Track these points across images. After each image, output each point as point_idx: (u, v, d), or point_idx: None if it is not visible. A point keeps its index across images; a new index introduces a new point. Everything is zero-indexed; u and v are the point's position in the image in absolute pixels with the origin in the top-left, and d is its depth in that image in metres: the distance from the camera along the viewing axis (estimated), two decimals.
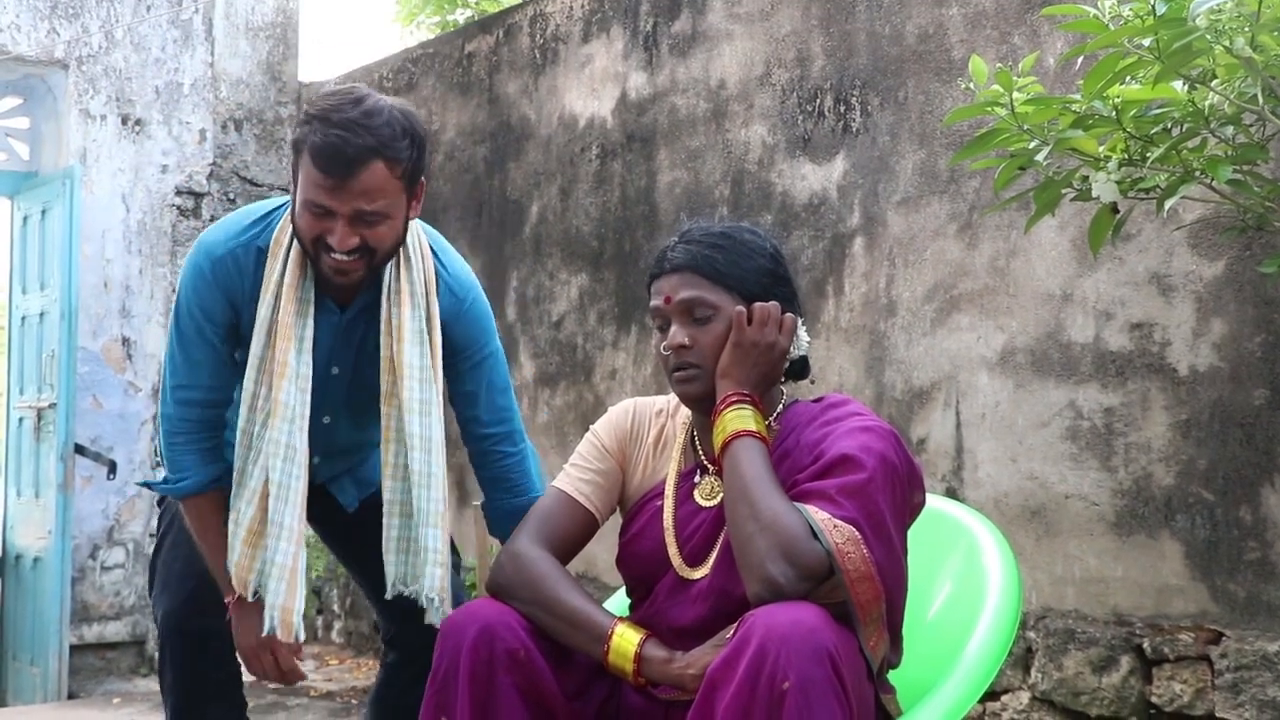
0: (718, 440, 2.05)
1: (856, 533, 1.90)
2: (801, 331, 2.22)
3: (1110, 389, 3.69)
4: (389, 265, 2.41)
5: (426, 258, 2.50)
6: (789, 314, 2.12)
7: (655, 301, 2.18)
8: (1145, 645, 3.56)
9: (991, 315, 3.99)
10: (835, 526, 1.89)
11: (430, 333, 2.46)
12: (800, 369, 2.28)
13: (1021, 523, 3.82)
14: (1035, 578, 3.79)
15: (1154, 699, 3.54)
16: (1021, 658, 3.84)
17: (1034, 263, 3.89)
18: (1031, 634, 3.81)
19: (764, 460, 2.00)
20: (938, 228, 4.17)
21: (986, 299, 4.01)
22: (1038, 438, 3.84)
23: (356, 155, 2.18)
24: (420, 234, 2.51)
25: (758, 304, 2.10)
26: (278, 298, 2.35)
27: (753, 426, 2.03)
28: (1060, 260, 3.83)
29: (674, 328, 2.16)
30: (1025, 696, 3.83)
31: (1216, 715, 3.41)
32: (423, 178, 2.37)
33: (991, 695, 3.89)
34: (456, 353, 2.55)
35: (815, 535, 1.88)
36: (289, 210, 2.37)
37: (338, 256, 2.26)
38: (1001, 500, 3.88)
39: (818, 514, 1.90)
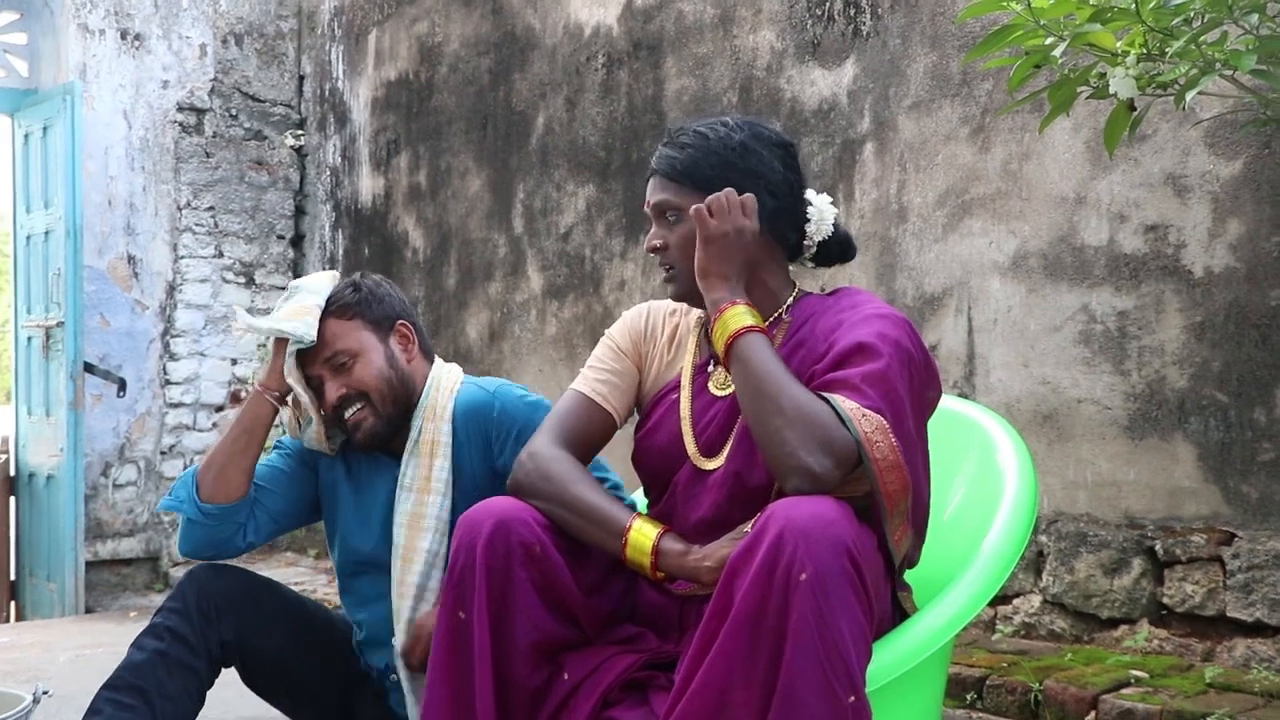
0: (720, 345, 2.03)
1: (884, 421, 1.88)
2: (828, 210, 2.19)
3: (1124, 292, 3.66)
4: (420, 421, 2.55)
5: (444, 410, 2.58)
6: (747, 195, 2.08)
7: (646, 207, 2.20)
8: (1157, 547, 3.57)
9: (1004, 220, 3.96)
10: (864, 415, 1.87)
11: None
12: (839, 251, 2.25)
13: (1033, 428, 3.81)
14: (1047, 482, 3.79)
15: (1165, 600, 3.56)
16: (1033, 561, 3.85)
17: (1047, 165, 3.85)
18: (1043, 538, 3.81)
19: (772, 352, 1.97)
20: (949, 132, 4.12)
21: (999, 203, 3.97)
22: (1050, 342, 3.82)
23: (300, 339, 2.51)
24: (448, 385, 2.61)
25: (712, 195, 2.07)
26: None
27: (750, 322, 2.00)
28: (1074, 162, 3.78)
29: (653, 229, 2.19)
30: (1036, 600, 3.85)
31: (1228, 615, 3.42)
32: (399, 321, 2.60)
33: (1003, 599, 3.91)
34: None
35: (844, 423, 1.86)
36: None
37: (346, 415, 2.51)
38: (1013, 405, 3.87)
39: (845, 403, 1.88)
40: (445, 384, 2.59)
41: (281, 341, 2.51)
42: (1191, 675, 3.32)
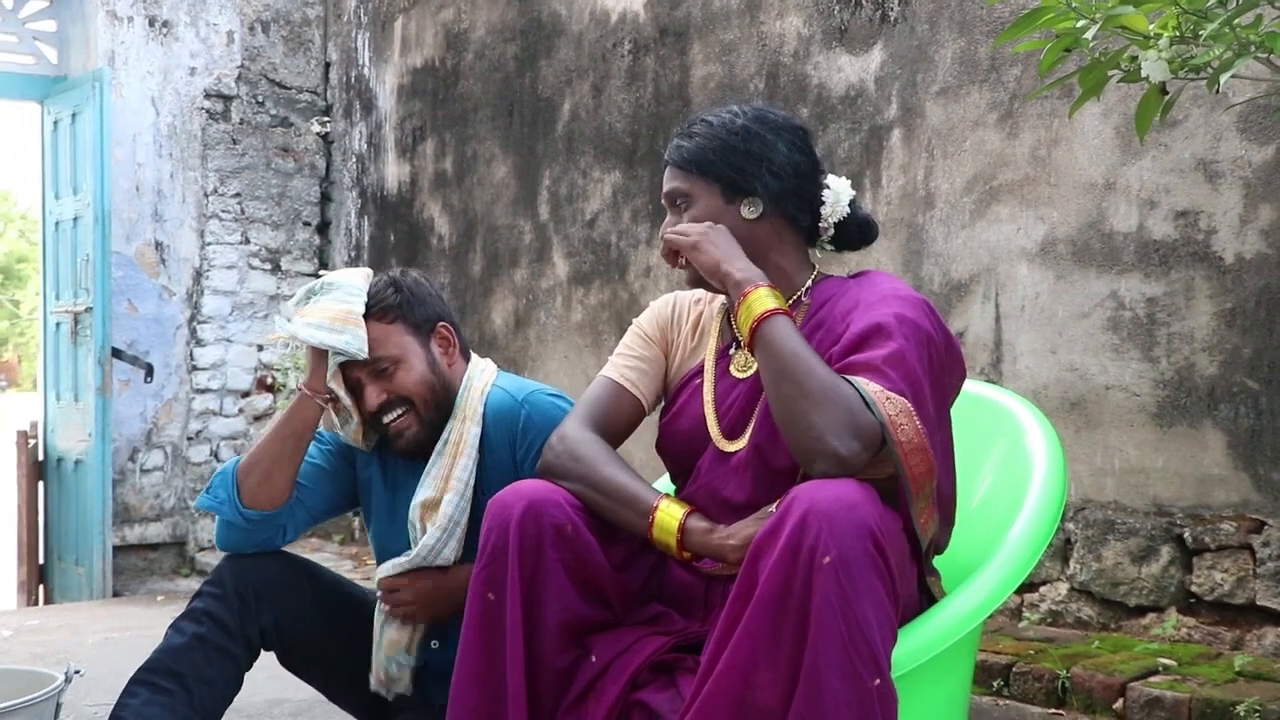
0: (744, 330, 2.03)
1: (908, 404, 1.88)
2: (845, 193, 2.18)
3: (1153, 278, 3.64)
4: (452, 423, 2.52)
5: (475, 412, 2.55)
6: (689, 217, 2.15)
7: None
8: (1186, 535, 3.55)
9: (1032, 205, 3.93)
10: (888, 398, 1.87)
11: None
12: (858, 233, 2.25)
13: (1061, 415, 3.79)
14: (1075, 469, 3.77)
15: (1194, 588, 3.54)
16: (1060, 549, 3.84)
17: (1076, 151, 3.82)
18: (1070, 525, 3.80)
19: (797, 335, 1.97)
20: (977, 117, 4.10)
21: (1027, 189, 3.95)
22: (1078, 329, 3.80)
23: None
24: (479, 386, 2.58)
25: (667, 237, 2.14)
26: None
27: (773, 305, 2.00)
28: (1103, 148, 3.76)
29: (668, 217, 2.21)
30: (1064, 587, 3.83)
31: (1257, 603, 3.40)
32: (440, 324, 2.56)
33: (1030, 586, 3.90)
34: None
35: (868, 406, 1.86)
36: None
37: (386, 421, 2.48)
38: (1041, 392, 3.85)
39: (868, 385, 1.88)
40: (477, 385, 2.55)
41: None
42: (1220, 663, 3.31)
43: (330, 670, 2.60)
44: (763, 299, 2.01)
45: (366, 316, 2.46)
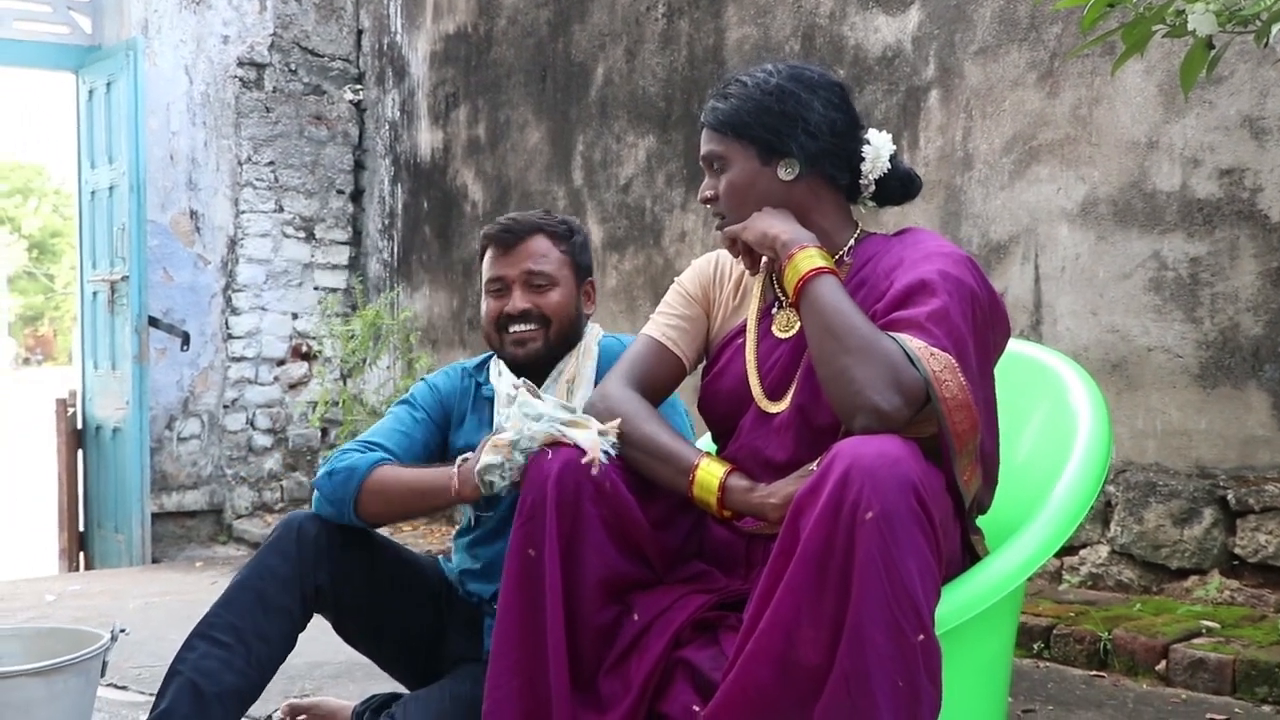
0: (790, 288, 2.01)
1: (953, 360, 1.86)
2: (885, 148, 2.16)
3: (1196, 238, 3.59)
4: (566, 362, 2.58)
5: (591, 349, 2.62)
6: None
7: None
8: (1229, 497, 3.51)
9: (1072, 165, 3.89)
10: (932, 354, 1.85)
11: None
12: (900, 188, 2.22)
13: (1102, 376, 3.75)
14: (1116, 432, 3.72)
15: (1237, 550, 3.51)
16: (1101, 512, 3.81)
17: (1118, 110, 3.77)
18: (1111, 488, 3.77)
19: (843, 293, 1.95)
20: (1017, 77, 4.05)
21: (1068, 149, 3.90)
22: (1119, 290, 3.76)
23: (520, 229, 2.57)
24: (595, 333, 2.66)
25: (726, 230, 2.14)
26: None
27: (820, 263, 1.99)
28: (1146, 106, 3.71)
29: (706, 179, 2.20)
30: (1104, 550, 3.81)
31: None
32: (590, 278, 2.67)
33: (1070, 549, 3.87)
34: None
35: (912, 362, 1.84)
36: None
37: (516, 329, 2.54)
38: (1081, 354, 3.81)
39: (912, 341, 1.86)
40: (592, 333, 2.65)
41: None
42: (1264, 626, 3.28)
43: (383, 631, 2.60)
44: (810, 258, 2.00)
45: (541, 229, 2.57)
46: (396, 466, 2.44)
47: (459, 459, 2.32)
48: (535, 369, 2.56)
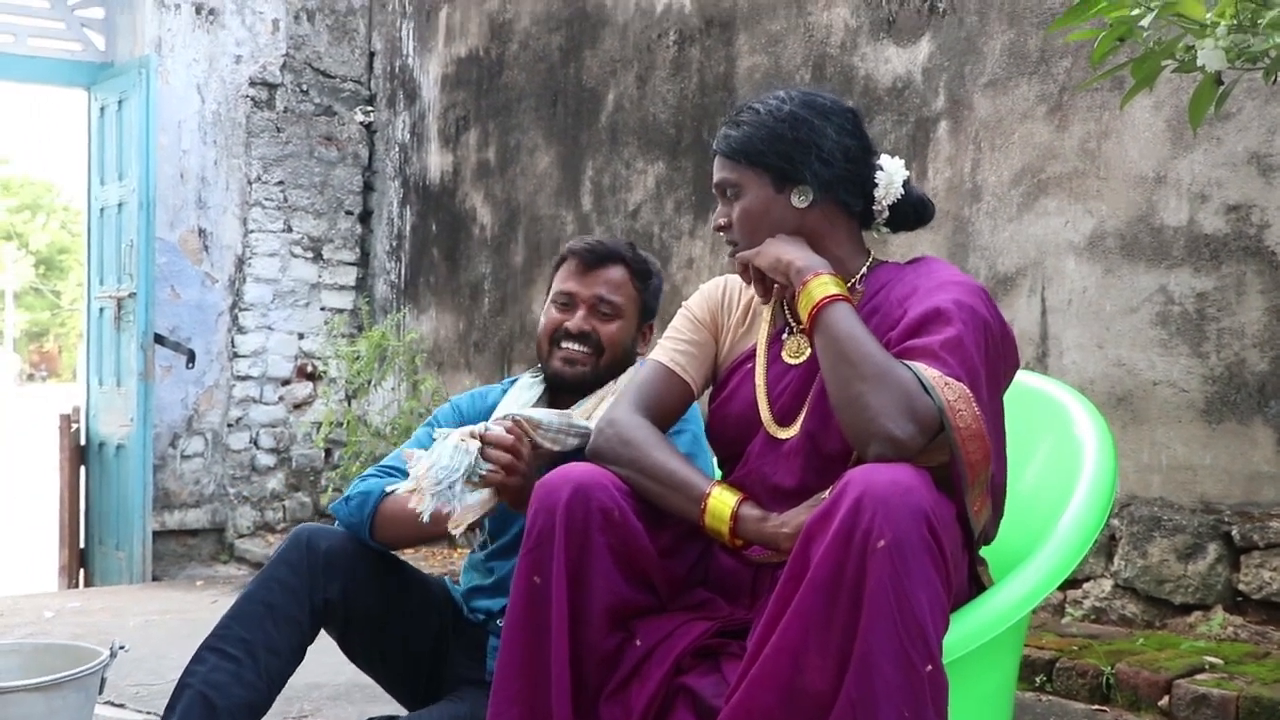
0: (804, 314, 2.01)
1: (967, 390, 1.86)
2: (898, 174, 2.16)
3: (1203, 273, 3.60)
4: (607, 391, 2.56)
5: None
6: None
7: None
8: (1234, 532, 3.51)
9: (1080, 199, 3.90)
10: (947, 383, 1.85)
11: None
12: (915, 214, 2.22)
13: (1107, 410, 3.75)
14: (1121, 466, 3.72)
15: (1241, 586, 3.50)
16: (1104, 546, 3.80)
17: (1126, 144, 3.78)
18: (1115, 522, 3.76)
19: (857, 320, 1.95)
20: (1026, 110, 4.06)
21: (1076, 182, 3.91)
22: (1126, 324, 3.76)
23: (605, 253, 2.59)
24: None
25: (740, 256, 2.13)
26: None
27: (834, 290, 1.98)
28: (1154, 141, 3.72)
29: (719, 207, 2.20)
30: (1108, 584, 3.80)
31: None
32: (652, 322, 2.68)
33: (1073, 583, 3.86)
34: None
35: (926, 391, 1.84)
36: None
37: (569, 346, 2.55)
38: (1087, 387, 3.81)
39: (927, 370, 1.86)
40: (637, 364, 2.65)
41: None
42: (1269, 662, 3.26)
43: (388, 648, 2.59)
44: (824, 285, 1.99)
45: (622, 261, 2.59)
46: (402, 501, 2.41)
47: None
48: (575, 392, 2.58)
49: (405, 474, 2.44)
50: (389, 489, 2.46)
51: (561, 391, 2.60)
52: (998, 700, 2.18)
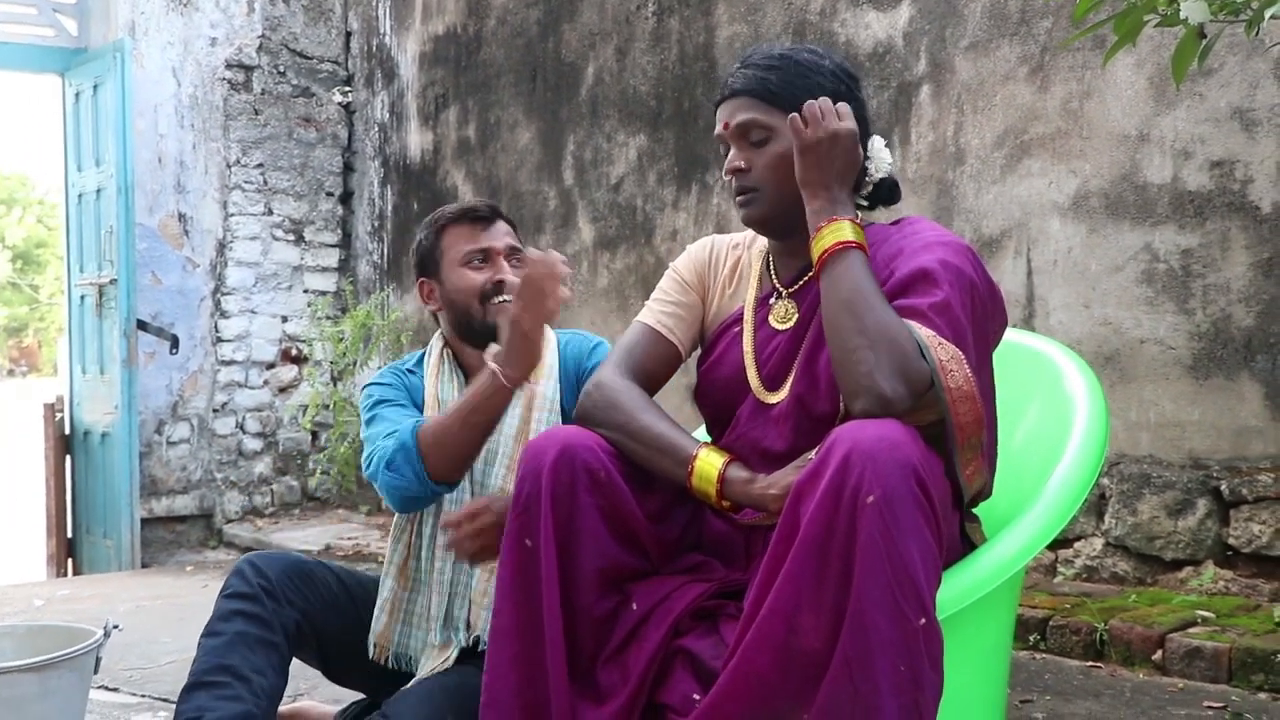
0: (816, 253, 1.99)
1: (960, 352, 1.85)
2: (884, 151, 2.15)
3: (1188, 230, 3.60)
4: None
5: (552, 339, 2.62)
6: (841, 103, 2.04)
7: (717, 129, 2.14)
8: (1223, 487, 3.51)
9: (1064, 159, 3.89)
10: (940, 344, 1.84)
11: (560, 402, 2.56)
12: (888, 193, 2.21)
13: (1095, 369, 3.72)
14: (1110, 423, 3.73)
15: (1231, 540, 3.51)
16: (1095, 504, 3.81)
17: (1109, 103, 3.78)
18: (1105, 480, 3.77)
19: (866, 271, 1.93)
20: (1008, 71, 4.05)
21: (1059, 143, 3.91)
22: (1111, 282, 3.76)
23: (491, 210, 2.61)
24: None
25: (808, 102, 2.02)
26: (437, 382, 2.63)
27: (850, 237, 1.96)
28: (1136, 99, 3.71)
29: (732, 151, 2.12)
30: (1099, 542, 3.81)
31: None
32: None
33: (1064, 542, 3.87)
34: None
35: (922, 353, 1.83)
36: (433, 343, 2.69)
37: (504, 300, 2.47)
38: (1074, 347, 3.80)
39: (921, 330, 1.85)
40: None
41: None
42: (1259, 615, 3.28)
43: (344, 658, 2.58)
44: (840, 230, 1.96)
45: (504, 218, 2.63)
46: (433, 418, 2.41)
47: (490, 357, 2.32)
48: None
49: (403, 407, 2.51)
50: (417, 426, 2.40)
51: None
52: (995, 656, 2.18)
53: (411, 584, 2.54)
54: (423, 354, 2.71)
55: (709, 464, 2.01)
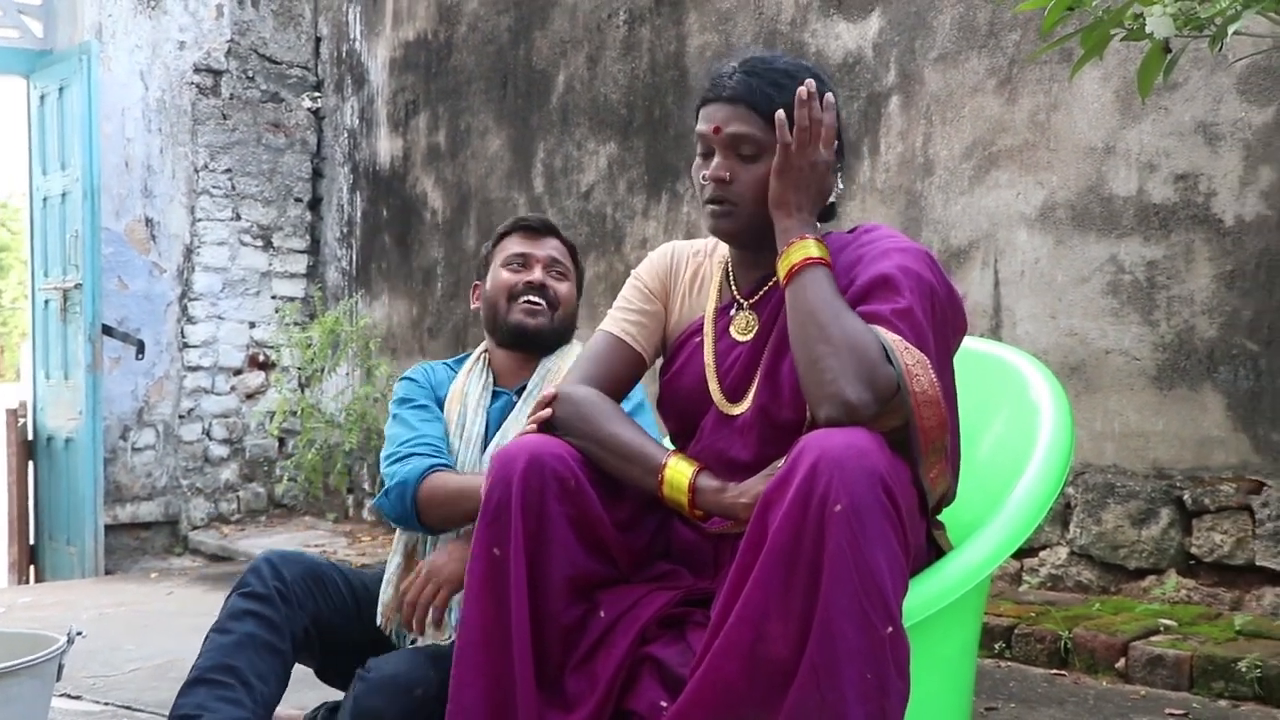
0: (782, 271, 2.00)
1: (925, 357, 1.86)
2: (838, 181, 2.16)
3: (1153, 242, 3.63)
4: (554, 359, 2.70)
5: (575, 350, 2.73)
6: (829, 126, 2.03)
7: (703, 127, 2.09)
8: (1185, 497, 3.55)
9: (1031, 171, 3.92)
10: (906, 348, 1.85)
11: None
12: (829, 210, 2.22)
13: (1060, 379, 3.74)
14: (1075, 433, 3.76)
15: (1193, 550, 3.54)
16: (1060, 513, 3.84)
17: (1075, 116, 3.81)
18: (1070, 490, 3.80)
19: (831, 285, 1.94)
20: (976, 83, 4.08)
21: (1026, 154, 3.94)
22: (1078, 293, 3.79)
23: (549, 227, 2.76)
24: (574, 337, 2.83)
25: (799, 127, 2.00)
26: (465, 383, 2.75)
27: (816, 254, 1.97)
28: (1103, 112, 3.75)
29: (717, 158, 2.09)
30: (1063, 551, 3.83)
31: (1257, 564, 3.41)
32: (581, 285, 2.85)
33: (1029, 551, 3.90)
34: None
35: (889, 359, 1.84)
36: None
37: (532, 298, 2.66)
38: (1041, 357, 3.81)
39: (887, 334, 1.86)
40: (577, 344, 2.76)
41: None
42: (1220, 623, 3.31)
43: (341, 662, 2.58)
44: (807, 248, 1.97)
45: (563, 240, 2.77)
46: (443, 474, 2.49)
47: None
48: (533, 346, 2.67)
49: (425, 444, 2.56)
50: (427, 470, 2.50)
51: (518, 348, 2.67)
52: (960, 664, 2.19)
53: (417, 563, 2.56)
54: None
55: (679, 473, 2.01)
